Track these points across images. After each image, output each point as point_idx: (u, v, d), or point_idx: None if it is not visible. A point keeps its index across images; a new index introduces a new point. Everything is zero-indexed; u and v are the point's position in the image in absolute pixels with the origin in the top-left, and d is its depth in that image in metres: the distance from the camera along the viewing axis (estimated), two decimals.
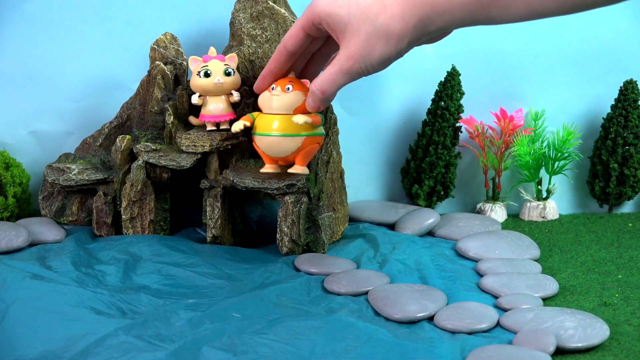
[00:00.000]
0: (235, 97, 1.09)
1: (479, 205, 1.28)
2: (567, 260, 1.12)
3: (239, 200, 1.13)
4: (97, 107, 1.19)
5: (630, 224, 1.26)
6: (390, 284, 0.99)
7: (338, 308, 0.93)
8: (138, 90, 1.13)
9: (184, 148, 1.08)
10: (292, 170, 1.05)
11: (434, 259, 1.08)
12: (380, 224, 1.21)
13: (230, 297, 0.94)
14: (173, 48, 1.12)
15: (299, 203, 1.05)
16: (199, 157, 1.08)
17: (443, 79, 1.24)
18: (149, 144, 1.09)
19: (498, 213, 1.27)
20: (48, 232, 1.09)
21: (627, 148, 1.28)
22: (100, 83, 1.19)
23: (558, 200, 1.31)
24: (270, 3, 1.09)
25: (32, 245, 1.07)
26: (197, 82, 1.07)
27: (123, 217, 1.09)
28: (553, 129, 1.30)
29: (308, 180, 1.06)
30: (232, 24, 1.12)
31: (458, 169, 1.28)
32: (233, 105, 1.09)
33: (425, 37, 0.84)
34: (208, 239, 1.09)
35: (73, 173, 1.11)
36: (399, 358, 0.82)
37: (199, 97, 1.08)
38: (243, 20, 1.11)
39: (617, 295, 1.00)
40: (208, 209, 1.08)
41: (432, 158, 1.24)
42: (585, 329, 0.88)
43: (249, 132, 1.05)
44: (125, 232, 1.10)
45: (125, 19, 1.19)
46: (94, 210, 1.11)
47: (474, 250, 1.11)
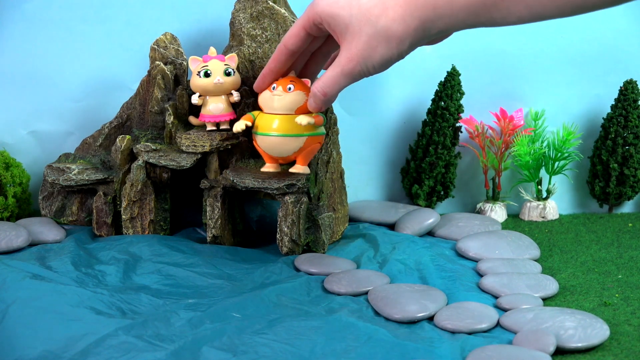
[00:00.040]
0: (235, 97, 1.09)
1: (479, 205, 1.28)
2: (567, 260, 1.12)
3: (239, 200, 1.13)
4: (97, 107, 1.19)
5: (630, 224, 1.26)
6: (390, 284, 0.99)
7: (338, 308, 0.93)
8: (138, 90, 1.13)
9: (184, 148, 1.08)
10: (293, 170, 1.05)
11: (434, 259, 1.07)
12: (380, 224, 1.21)
13: (230, 297, 0.94)
14: (173, 48, 1.12)
15: (299, 203, 1.05)
16: (199, 157, 1.08)
17: (443, 79, 1.24)
18: (149, 144, 1.09)
19: (498, 213, 1.27)
20: (48, 232, 1.09)
21: (627, 148, 1.28)
22: (100, 83, 1.19)
23: (558, 200, 1.31)
24: (270, 3, 1.09)
25: (32, 245, 1.07)
26: (197, 82, 1.07)
27: (123, 217, 1.09)
28: (553, 129, 1.29)
29: (308, 180, 1.06)
30: (232, 24, 1.12)
31: (458, 169, 1.28)
32: (233, 105, 1.09)
33: (427, 39, 0.84)
34: (208, 239, 1.09)
35: (73, 173, 1.11)
36: (399, 358, 0.82)
37: (199, 97, 1.08)
38: (243, 20, 1.11)
39: (617, 295, 1.00)
40: (208, 209, 1.08)
41: (432, 158, 1.23)
42: (585, 329, 0.88)
43: (249, 131, 1.05)
44: (125, 232, 1.10)
45: (125, 19, 1.19)
46: (94, 210, 1.11)
47: (474, 250, 1.11)
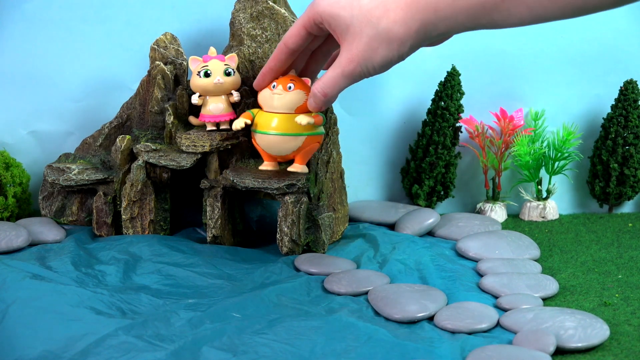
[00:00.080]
0: (235, 97, 1.09)
1: (479, 205, 1.28)
2: (567, 260, 1.12)
3: (239, 200, 1.13)
4: (97, 107, 1.19)
5: (630, 224, 1.26)
6: (390, 284, 0.99)
7: (338, 308, 0.93)
8: (138, 90, 1.13)
9: (184, 148, 1.08)
10: (291, 169, 1.05)
11: (434, 259, 1.07)
12: (380, 224, 1.21)
13: (230, 297, 0.94)
14: (173, 48, 1.12)
15: (299, 203, 1.05)
16: (199, 157, 1.08)
17: (443, 79, 1.24)
18: (149, 144, 1.09)
19: (498, 213, 1.27)
20: (48, 232, 1.09)
21: (627, 148, 1.28)
22: (100, 83, 1.19)
23: (558, 200, 1.31)
24: (270, 3, 1.09)
25: (32, 245, 1.07)
26: (197, 82, 1.07)
27: (123, 217, 1.09)
28: (553, 129, 1.29)
29: (308, 180, 1.06)
30: (232, 24, 1.12)
31: (458, 169, 1.28)
32: (233, 105, 1.09)
33: (428, 41, 0.84)
34: (208, 239, 1.09)
35: (73, 173, 1.11)
36: (399, 358, 0.82)
37: (199, 97, 1.08)
38: (243, 20, 1.11)
39: (617, 295, 1.00)
40: (208, 209, 1.08)
41: (432, 158, 1.23)
42: (585, 329, 0.88)
43: (249, 131, 1.05)
44: (125, 232, 1.10)
45: (125, 19, 1.19)
46: (94, 210, 1.11)
47: (474, 250, 1.11)
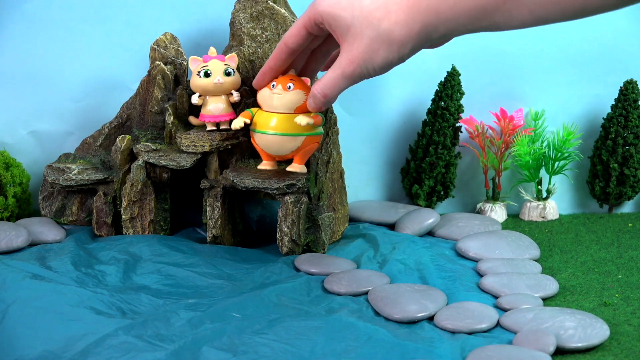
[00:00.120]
0: (235, 97, 1.09)
1: (479, 205, 1.28)
2: (567, 260, 1.12)
3: (239, 200, 1.13)
4: (97, 107, 1.19)
5: (630, 224, 1.26)
6: (390, 284, 0.99)
7: (338, 308, 0.93)
8: (138, 90, 1.13)
9: (184, 148, 1.08)
10: (290, 169, 1.05)
11: (434, 259, 1.07)
12: (380, 224, 1.21)
13: (230, 297, 0.94)
14: (173, 48, 1.12)
15: (299, 203, 1.05)
16: (199, 157, 1.08)
17: (443, 79, 1.24)
18: (149, 144, 1.09)
19: (498, 213, 1.27)
20: (48, 232, 1.09)
21: (627, 148, 1.28)
22: (100, 83, 1.19)
23: (558, 200, 1.31)
24: (270, 3, 1.09)
25: (32, 245, 1.07)
26: (197, 82, 1.07)
27: (123, 217, 1.09)
28: (553, 129, 1.29)
29: (308, 180, 1.06)
30: (232, 24, 1.12)
31: (458, 169, 1.28)
32: (233, 105, 1.09)
33: (428, 43, 0.84)
34: (208, 239, 1.09)
35: (73, 173, 1.11)
36: (399, 358, 0.82)
37: (199, 97, 1.08)
38: (243, 20, 1.11)
39: (617, 295, 1.00)
40: (208, 209, 1.08)
41: (432, 158, 1.23)
42: (585, 329, 0.88)
43: (249, 130, 1.05)
44: (125, 232, 1.10)
45: (125, 19, 1.19)
46: (94, 210, 1.11)
47: (474, 250, 1.11)
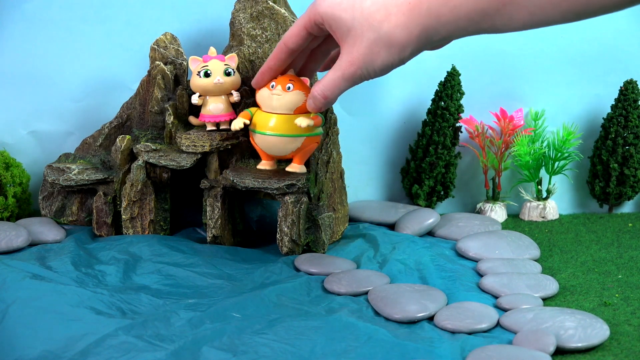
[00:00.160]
0: (235, 97, 1.09)
1: (479, 205, 1.28)
2: (567, 260, 1.12)
3: (239, 200, 1.13)
4: (97, 107, 1.19)
5: (630, 224, 1.26)
6: (390, 284, 0.99)
7: (338, 308, 0.93)
8: (138, 90, 1.13)
9: (184, 148, 1.08)
10: (289, 169, 1.04)
11: (434, 259, 1.07)
12: (380, 224, 1.21)
13: (230, 297, 0.94)
14: (173, 48, 1.12)
15: (299, 203, 1.05)
16: (199, 157, 1.08)
17: (443, 79, 1.24)
18: (149, 144, 1.09)
19: (498, 213, 1.27)
20: (48, 232, 1.09)
21: (627, 148, 1.28)
22: (100, 83, 1.19)
23: (558, 200, 1.31)
24: (270, 3, 1.09)
25: (32, 245, 1.07)
26: (197, 82, 1.07)
27: (123, 217, 1.09)
28: (553, 129, 1.29)
29: (308, 180, 1.06)
30: (232, 24, 1.12)
31: (458, 169, 1.28)
32: (233, 105, 1.09)
33: (429, 46, 0.84)
34: (208, 239, 1.09)
35: (73, 173, 1.11)
36: (399, 358, 0.82)
37: (199, 97, 1.08)
38: (243, 20, 1.11)
39: (617, 295, 1.00)
40: (208, 209, 1.08)
41: (432, 158, 1.23)
42: (585, 329, 0.88)
43: (248, 130, 1.05)
44: (125, 232, 1.10)
45: (125, 19, 1.19)
46: (94, 210, 1.11)
47: (474, 250, 1.11)
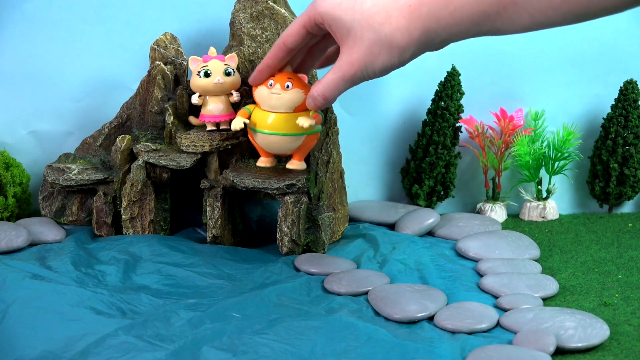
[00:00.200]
0: (235, 97, 1.09)
1: (479, 205, 1.28)
2: (567, 260, 1.12)
3: (239, 200, 1.13)
4: (97, 107, 1.19)
5: (630, 224, 1.26)
6: (390, 284, 0.99)
7: (338, 308, 0.93)
8: (138, 90, 1.13)
9: (184, 148, 1.08)
10: (289, 166, 1.04)
11: (434, 259, 1.07)
12: (380, 224, 1.21)
13: (230, 297, 0.94)
14: (173, 48, 1.12)
15: (299, 203, 1.05)
16: (199, 157, 1.08)
17: (443, 79, 1.24)
18: (149, 144, 1.09)
19: (498, 213, 1.27)
20: (48, 232, 1.09)
21: (627, 148, 1.28)
22: (100, 83, 1.19)
23: (558, 200, 1.31)
24: (270, 3, 1.09)
25: (32, 245, 1.06)
26: (197, 82, 1.07)
27: (123, 217, 1.09)
28: (553, 129, 1.29)
29: (308, 180, 1.06)
30: (232, 24, 1.12)
31: (458, 169, 1.28)
32: (233, 105, 1.09)
33: (429, 48, 0.84)
34: (208, 239, 1.09)
35: (73, 173, 1.11)
36: (399, 358, 0.82)
37: (199, 97, 1.08)
38: (243, 20, 1.11)
39: (617, 295, 1.00)
40: (208, 209, 1.08)
41: (432, 158, 1.23)
42: (585, 329, 0.88)
43: (248, 128, 1.04)
44: (125, 232, 1.10)
45: (125, 19, 1.19)
46: (94, 210, 1.11)
47: (474, 250, 1.11)
